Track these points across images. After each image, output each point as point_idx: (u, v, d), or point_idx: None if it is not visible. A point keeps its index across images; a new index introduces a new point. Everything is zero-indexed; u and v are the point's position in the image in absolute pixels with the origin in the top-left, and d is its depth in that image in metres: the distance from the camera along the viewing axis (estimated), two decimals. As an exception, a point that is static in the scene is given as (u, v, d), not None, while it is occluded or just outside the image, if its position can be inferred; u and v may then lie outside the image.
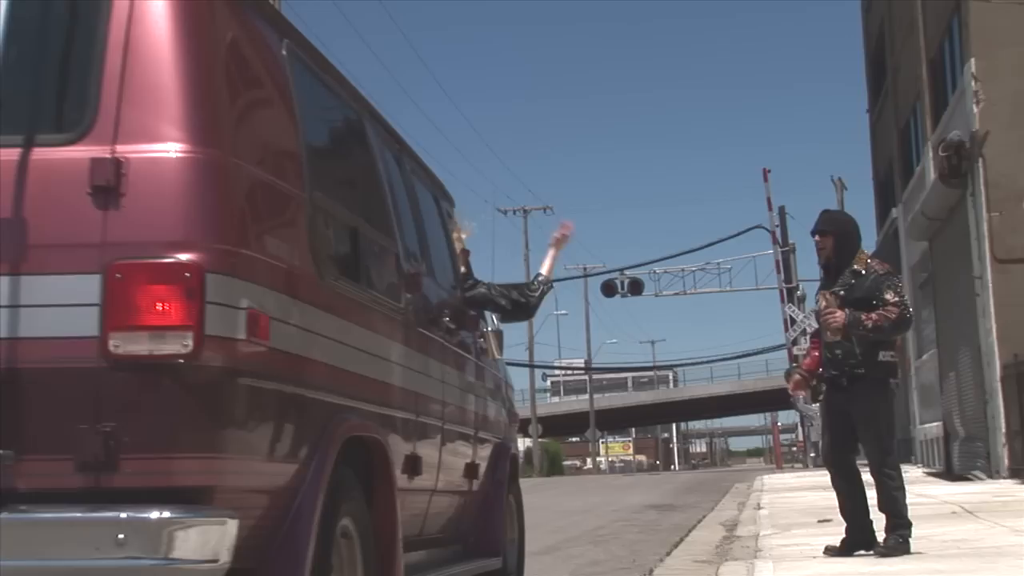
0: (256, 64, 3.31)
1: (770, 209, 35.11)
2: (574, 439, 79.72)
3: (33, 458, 2.71)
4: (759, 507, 11.64)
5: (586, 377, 65.91)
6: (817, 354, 6.33)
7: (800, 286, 34.55)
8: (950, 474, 16.97)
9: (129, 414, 2.71)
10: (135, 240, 2.75)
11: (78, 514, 2.67)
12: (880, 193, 29.16)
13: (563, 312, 68.19)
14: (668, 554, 7.99)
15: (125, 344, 2.71)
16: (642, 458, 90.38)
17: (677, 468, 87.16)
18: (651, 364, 75.11)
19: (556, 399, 78.64)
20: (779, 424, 51.53)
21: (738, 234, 39.54)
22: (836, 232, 6.21)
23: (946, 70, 17.73)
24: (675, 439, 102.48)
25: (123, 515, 2.65)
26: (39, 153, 2.81)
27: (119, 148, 2.80)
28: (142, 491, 2.70)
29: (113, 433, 2.69)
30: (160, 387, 2.72)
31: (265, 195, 3.12)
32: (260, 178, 3.09)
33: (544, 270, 5.71)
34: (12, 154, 2.79)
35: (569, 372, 72.92)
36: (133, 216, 2.77)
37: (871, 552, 6.03)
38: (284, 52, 3.47)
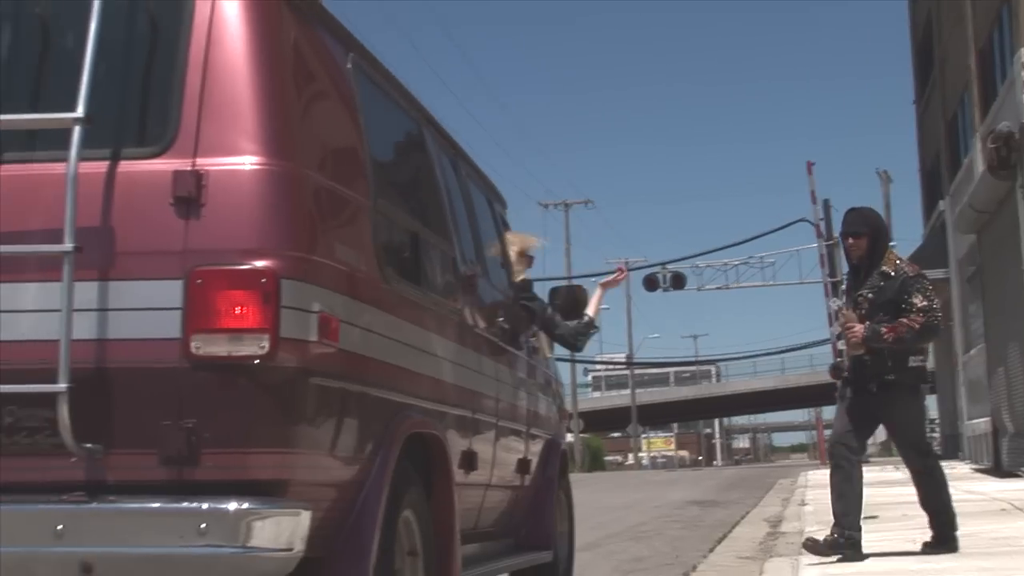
0: (324, 78, 3.47)
1: (814, 202, 34.86)
2: (615, 434, 79.58)
3: (120, 452, 2.88)
4: (803, 503, 11.58)
5: (628, 372, 65.82)
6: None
7: (845, 280, 34.25)
8: (999, 470, 16.84)
9: (209, 411, 2.87)
10: (214, 248, 2.92)
11: (163, 505, 2.84)
12: (927, 185, 28.92)
13: (605, 307, 68.09)
14: (711, 550, 8.04)
15: (205, 346, 2.87)
16: (684, 454, 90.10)
17: (719, 464, 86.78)
18: (693, 359, 74.98)
19: (597, 394, 78.68)
20: (823, 419, 51.15)
21: (782, 228, 39.22)
22: (871, 232, 6.06)
23: (995, 60, 17.58)
24: (717, 434, 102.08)
25: (205, 506, 2.81)
26: (125, 166, 2.99)
27: (199, 161, 2.97)
28: (221, 484, 2.86)
29: (194, 429, 2.85)
30: (238, 386, 2.88)
31: (334, 203, 3.29)
32: (329, 187, 3.25)
33: (591, 311, 5.87)
34: (100, 167, 2.97)
35: (611, 367, 72.90)
36: (212, 225, 2.93)
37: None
38: (349, 65, 3.64)
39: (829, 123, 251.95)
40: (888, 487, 13.85)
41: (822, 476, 19.42)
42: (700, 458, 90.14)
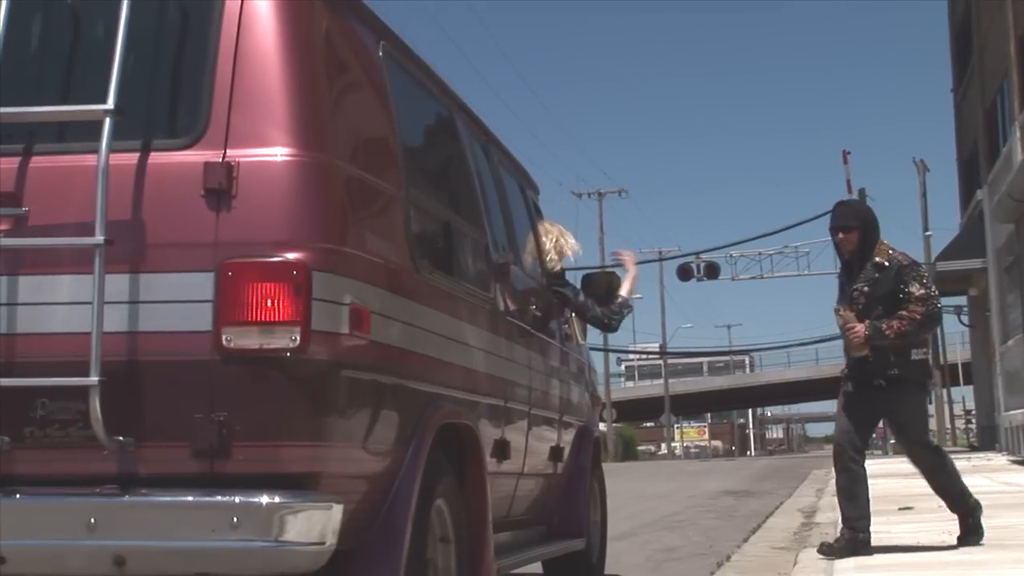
0: (356, 67, 3.45)
1: (850, 191, 34.48)
2: (648, 424, 79.50)
3: (152, 445, 2.88)
4: None
5: (661, 361, 65.66)
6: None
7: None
8: (1035, 462, 16.66)
9: (240, 404, 2.86)
10: (246, 240, 2.90)
11: (195, 498, 2.83)
12: (964, 174, 28.63)
13: (638, 296, 67.90)
14: (745, 540, 7.99)
15: (237, 338, 2.86)
16: (717, 444, 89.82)
17: (753, 454, 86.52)
18: (727, 348, 74.55)
19: (631, 384, 78.53)
20: (858, 410, 50.81)
21: (817, 217, 38.77)
22: (862, 226, 5.84)
23: (1036, 47, 17.31)
24: (751, 425, 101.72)
25: (237, 499, 2.80)
26: (155, 157, 2.98)
27: (230, 152, 2.95)
28: (252, 477, 2.85)
29: (226, 422, 2.84)
30: (269, 379, 2.87)
31: (365, 194, 3.26)
32: (361, 178, 3.23)
33: (624, 291, 5.79)
34: (131, 158, 2.96)
35: (644, 356, 72.73)
36: (243, 217, 2.92)
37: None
38: (380, 53, 3.61)
39: (866, 112, 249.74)
40: (923, 478, 13.72)
41: None
42: (733, 448, 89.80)
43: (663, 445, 68.89)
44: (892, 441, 31.82)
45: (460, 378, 3.87)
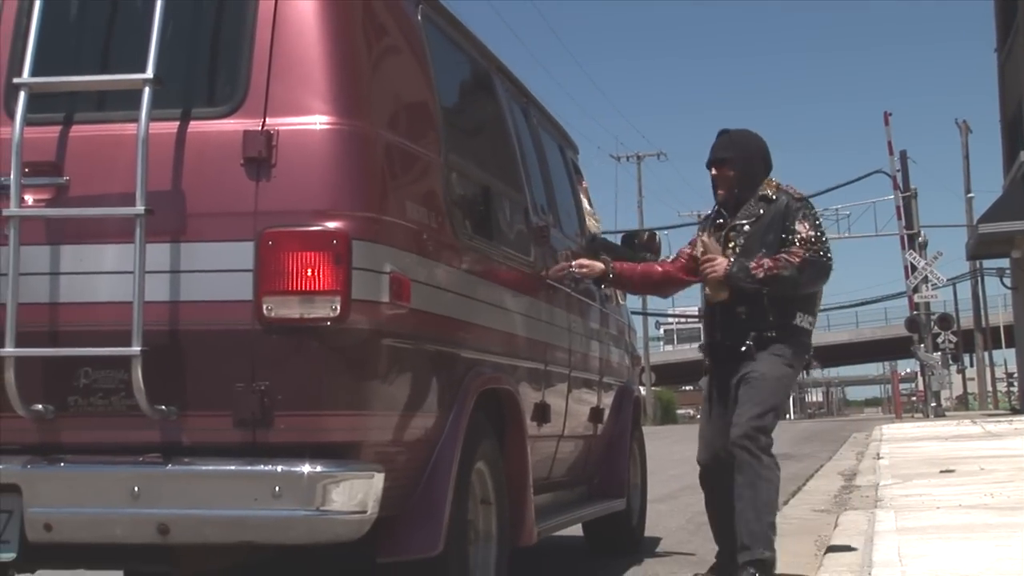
0: (394, 32, 3.41)
1: (891, 153, 34.18)
2: (687, 388, 79.22)
3: (194, 414, 2.89)
4: (878, 457, 11.47)
5: (700, 325, 65.33)
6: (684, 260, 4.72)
7: (922, 232, 33.67)
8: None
9: (282, 373, 2.85)
10: (285, 209, 2.89)
11: (238, 467, 2.84)
12: (1008, 135, 28.19)
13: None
14: (786, 503, 7.91)
15: (277, 308, 2.85)
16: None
17: (792, 417, 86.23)
18: (766, 312, 74.03)
19: (669, 347, 78.23)
20: (898, 373, 50.46)
21: (858, 179, 38.41)
22: (740, 158, 4.55)
23: (1082, 5, 16.93)
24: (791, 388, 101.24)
25: (279, 469, 2.80)
26: (195, 126, 2.97)
27: (269, 121, 2.93)
28: (294, 446, 2.85)
29: (267, 391, 2.84)
30: (310, 348, 2.86)
31: (405, 162, 3.24)
32: (400, 145, 3.20)
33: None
34: (171, 127, 2.95)
35: (683, 320, 72.40)
36: (283, 186, 2.90)
37: None
38: (419, 16, 3.57)
39: (907, 73, 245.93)
40: (964, 441, 13.66)
41: (896, 430, 19.23)
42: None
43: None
44: (934, 404, 31.59)
45: (500, 343, 3.86)
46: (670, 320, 73.00)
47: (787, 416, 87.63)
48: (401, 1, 3.48)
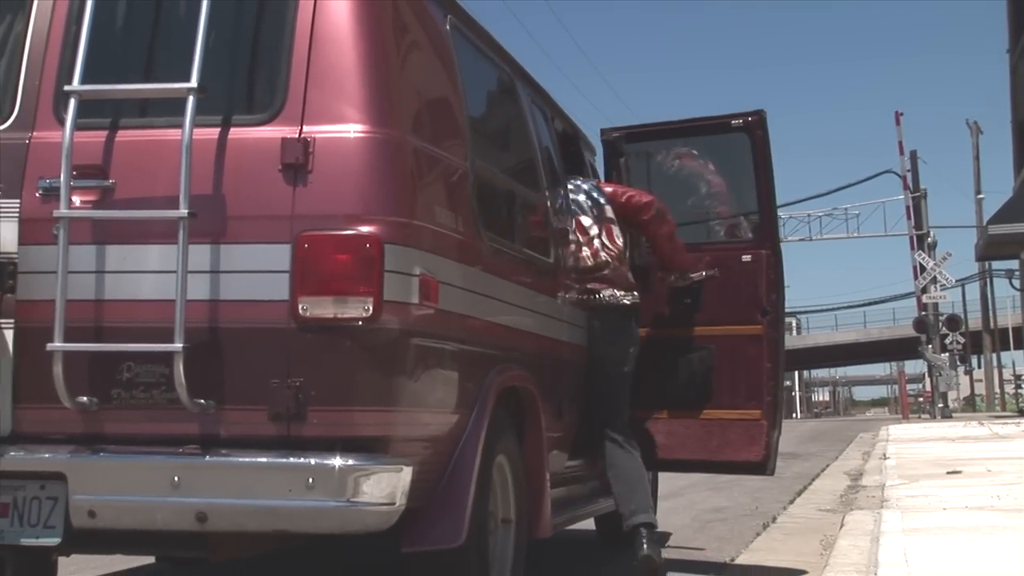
0: (425, 43, 3.54)
1: (901, 153, 34.24)
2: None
3: (231, 408, 3.01)
4: (885, 457, 11.53)
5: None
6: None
7: (931, 233, 33.69)
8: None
9: (315, 370, 2.98)
10: (321, 213, 3.01)
11: (273, 459, 2.96)
12: (1020, 137, 28.15)
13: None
14: (791, 502, 8.04)
15: (312, 308, 2.98)
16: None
17: (799, 416, 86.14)
18: (773, 310, 73.92)
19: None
20: (906, 373, 50.41)
21: (868, 179, 38.78)
22: None
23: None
24: (797, 387, 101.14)
25: (312, 462, 2.92)
26: (235, 133, 3.09)
27: (307, 128, 3.06)
28: (326, 440, 2.98)
29: (301, 387, 2.97)
30: (343, 347, 2.99)
31: (434, 168, 3.37)
32: (430, 153, 3.34)
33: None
34: (212, 134, 3.08)
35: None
36: (319, 191, 3.03)
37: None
38: (448, 27, 3.70)
39: (919, 73, 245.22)
40: (971, 443, 13.70)
41: (903, 431, 19.23)
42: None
43: (708, 406, 68.56)
44: (941, 405, 31.61)
45: (521, 341, 4.00)
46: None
47: (793, 415, 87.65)
48: (431, 12, 3.62)
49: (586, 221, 4.86)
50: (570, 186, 4.95)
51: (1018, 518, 5.62)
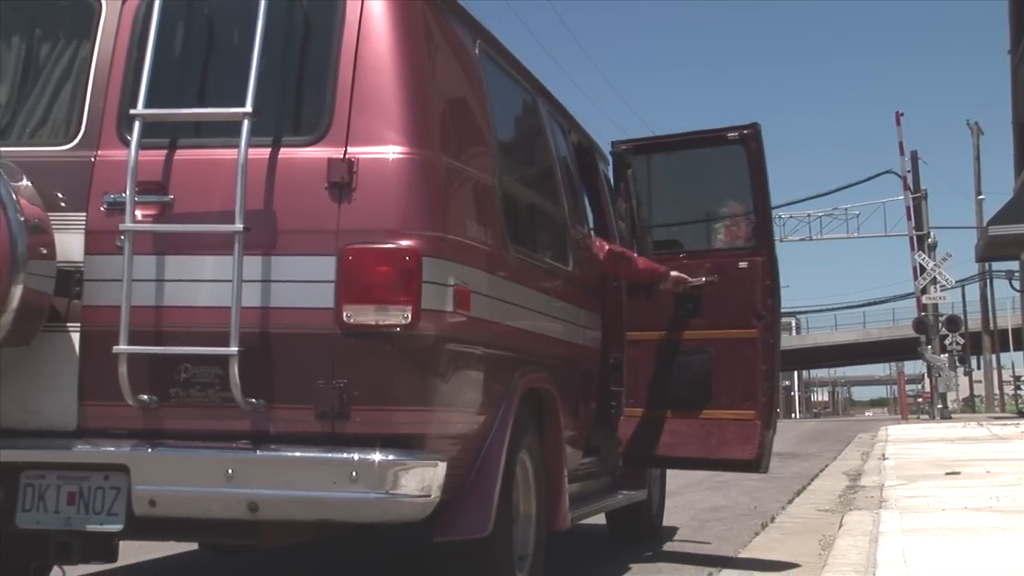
0: (458, 68, 3.81)
1: (902, 154, 34.31)
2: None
3: (280, 406, 3.27)
4: (884, 457, 11.55)
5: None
6: None
7: (931, 233, 33.76)
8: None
9: (358, 373, 3.23)
10: (364, 228, 3.27)
11: (319, 454, 3.21)
12: (1020, 138, 28.24)
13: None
14: (790, 502, 7.99)
15: (356, 315, 3.23)
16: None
17: (798, 416, 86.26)
18: (773, 310, 74.04)
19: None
20: (905, 374, 50.56)
21: (868, 179, 38.83)
22: None
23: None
24: (796, 387, 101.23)
25: (355, 457, 3.18)
26: (285, 153, 3.35)
27: (351, 150, 3.32)
28: (367, 436, 3.23)
29: (345, 388, 3.22)
30: (383, 351, 3.25)
31: (466, 186, 3.64)
32: (462, 171, 3.60)
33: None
34: (263, 153, 3.33)
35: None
36: (362, 207, 3.28)
37: None
38: (477, 51, 3.97)
39: (919, 73, 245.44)
40: (971, 444, 13.74)
41: (902, 431, 19.13)
42: (778, 410, 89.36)
43: (708, 405, 68.69)
44: (940, 406, 31.78)
45: (543, 345, 4.27)
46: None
47: (792, 415, 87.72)
48: (462, 38, 3.88)
49: None
50: None
51: (1017, 519, 5.65)
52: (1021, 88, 27.35)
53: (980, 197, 39.12)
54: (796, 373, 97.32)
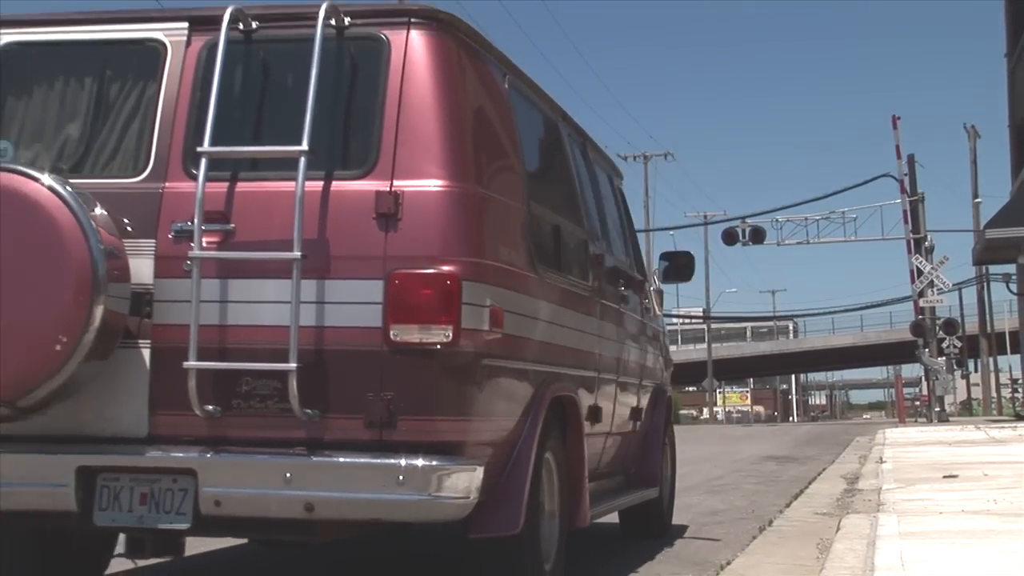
0: (490, 106, 4.15)
1: (899, 157, 34.39)
2: (691, 388, 79.70)
3: (332, 416, 3.59)
4: (881, 461, 11.30)
5: (704, 326, 65.89)
6: None
7: (928, 237, 33.87)
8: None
9: (404, 386, 3.56)
10: (409, 255, 3.60)
11: (369, 460, 3.54)
12: (1017, 141, 28.39)
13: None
14: (788, 505, 7.91)
15: (402, 334, 3.57)
16: (760, 409, 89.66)
17: (795, 420, 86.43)
18: (771, 314, 74.58)
19: (674, 348, 78.57)
20: (902, 377, 50.82)
21: (865, 182, 39.02)
22: None
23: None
24: (794, 390, 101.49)
25: (403, 462, 3.51)
26: (336, 186, 3.68)
27: (396, 183, 3.65)
28: (412, 444, 3.56)
29: (392, 400, 3.55)
30: (427, 366, 3.57)
31: (499, 214, 3.98)
32: (496, 201, 3.94)
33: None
34: (316, 186, 3.66)
35: (687, 320, 72.96)
36: (407, 236, 3.61)
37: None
38: (506, 85, 4.31)
39: (916, 77, 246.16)
40: (968, 447, 13.69)
41: (900, 435, 18.92)
42: (775, 414, 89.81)
43: (705, 410, 69.26)
44: (937, 409, 32.01)
45: (567, 357, 4.60)
46: (674, 320, 73.62)
47: (790, 419, 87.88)
48: (494, 76, 4.22)
49: None
50: None
51: (1014, 522, 5.62)
52: (1018, 91, 27.49)
53: (977, 200, 39.38)
54: (794, 376, 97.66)
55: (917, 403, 52.06)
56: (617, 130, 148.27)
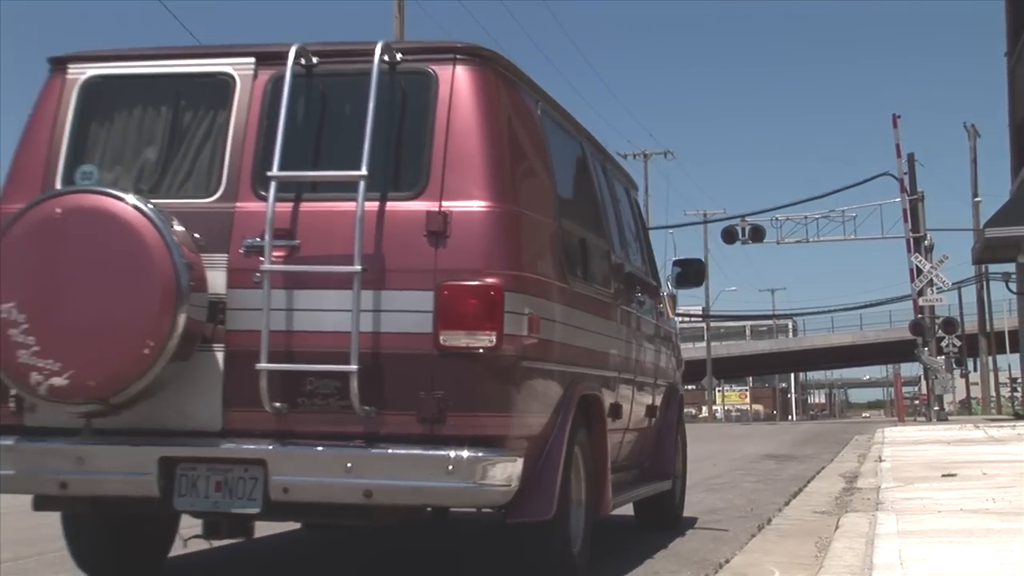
0: (526, 132, 4.56)
1: (899, 156, 34.48)
2: (690, 387, 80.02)
3: (388, 413, 4.00)
4: (880, 459, 11.37)
5: (704, 324, 66.21)
6: None
7: (928, 236, 33.90)
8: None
9: (452, 385, 3.96)
10: (456, 268, 4.01)
11: (421, 452, 3.94)
12: (1017, 140, 28.44)
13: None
14: (786, 504, 7.94)
15: (450, 339, 3.97)
16: (759, 407, 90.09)
17: (795, 418, 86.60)
18: (770, 312, 74.92)
19: (674, 346, 78.75)
20: (902, 376, 50.99)
21: (865, 181, 39.02)
22: None
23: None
24: (793, 389, 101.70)
25: (452, 454, 3.92)
26: (390, 207, 4.09)
27: (444, 204, 4.07)
28: (460, 437, 3.96)
29: (442, 398, 3.96)
30: (473, 368, 3.98)
31: (535, 230, 4.39)
32: (532, 218, 4.36)
33: None
34: (373, 207, 4.07)
35: (687, 319, 73.30)
36: (454, 251, 4.03)
37: None
38: (539, 112, 4.73)
39: (916, 76, 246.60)
40: (967, 445, 13.80)
41: (899, 433, 18.97)
42: (774, 412, 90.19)
43: (704, 408, 69.56)
44: (936, 408, 32.25)
45: (592, 359, 5.02)
46: (674, 319, 73.85)
47: (789, 417, 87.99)
48: (528, 104, 4.65)
49: None
50: None
51: (1013, 521, 5.64)
52: (1018, 90, 27.56)
53: (977, 199, 39.53)
54: (793, 375, 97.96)
55: (916, 402, 52.25)
56: (617, 129, 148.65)
